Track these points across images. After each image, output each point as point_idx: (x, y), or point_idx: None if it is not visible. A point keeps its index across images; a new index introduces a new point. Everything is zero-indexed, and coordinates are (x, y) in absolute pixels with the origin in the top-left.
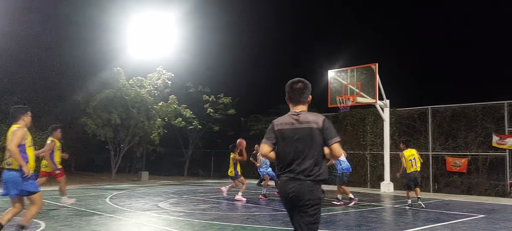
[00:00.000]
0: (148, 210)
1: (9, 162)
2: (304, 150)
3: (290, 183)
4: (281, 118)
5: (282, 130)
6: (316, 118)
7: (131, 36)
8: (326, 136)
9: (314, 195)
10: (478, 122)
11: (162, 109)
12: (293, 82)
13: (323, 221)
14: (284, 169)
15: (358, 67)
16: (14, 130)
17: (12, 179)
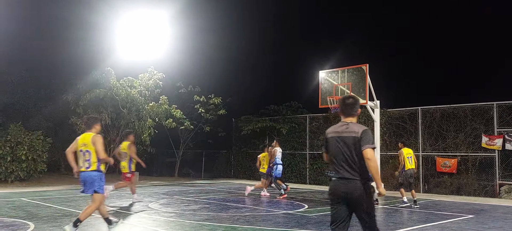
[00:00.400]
0: (138, 211)
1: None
2: (350, 154)
3: (343, 184)
4: (332, 127)
5: (332, 137)
6: (359, 128)
7: (122, 36)
8: (361, 142)
9: (364, 190)
10: (467, 122)
11: (153, 109)
12: (345, 98)
13: (313, 221)
14: (337, 171)
15: (349, 68)
16: (94, 137)
17: (91, 178)
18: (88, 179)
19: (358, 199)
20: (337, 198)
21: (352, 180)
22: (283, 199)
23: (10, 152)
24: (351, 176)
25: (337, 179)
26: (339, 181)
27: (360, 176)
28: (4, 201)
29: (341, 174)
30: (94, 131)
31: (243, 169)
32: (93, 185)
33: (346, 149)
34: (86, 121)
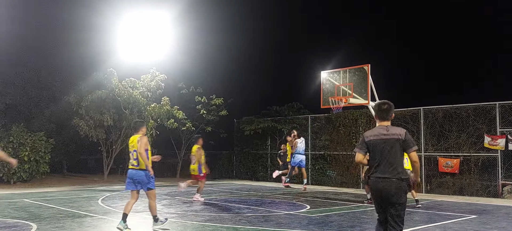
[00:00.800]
0: (140, 212)
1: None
2: (389, 155)
3: (380, 181)
4: (370, 131)
5: (372, 140)
6: (400, 131)
7: (124, 37)
8: (405, 145)
9: (400, 189)
10: (470, 122)
11: (154, 110)
12: (381, 104)
13: (315, 222)
14: (375, 170)
15: (351, 68)
16: (140, 138)
17: (141, 177)
18: (136, 176)
19: (393, 195)
20: (379, 194)
21: (390, 179)
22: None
23: (12, 153)
24: (389, 175)
25: (377, 178)
26: (379, 179)
27: (398, 175)
28: (7, 202)
29: (381, 173)
30: (141, 133)
31: (245, 170)
32: (144, 183)
33: (390, 150)
34: (133, 125)
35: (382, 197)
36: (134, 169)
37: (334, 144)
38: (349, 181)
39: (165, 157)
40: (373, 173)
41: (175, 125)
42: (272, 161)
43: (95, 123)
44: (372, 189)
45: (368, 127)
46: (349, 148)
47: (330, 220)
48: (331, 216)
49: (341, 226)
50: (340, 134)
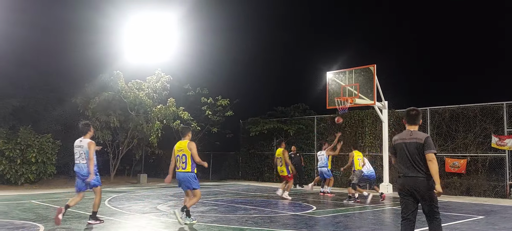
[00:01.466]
0: (147, 213)
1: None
2: (414, 156)
3: (410, 181)
4: (399, 135)
5: (399, 143)
6: (422, 135)
7: (130, 39)
8: (425, 147)
9: (428, 185)
10: (477, 122)
11: (160, 112)
12: (410, 110)
13: (322, 223)
14: (404, 171)
15: (357, 68)
16: (190, 143)
17: (188, 178)
18: (184, 178)
19: (423, 192)
20: (405, 192)
21: (417, 177)
22: None
23: (20, 154)
24: (415, 174)
25: (404, 177)
26: (406, 178)
27: (424, 173)
28: (15, 203)
29: (407, 172)
30: (187, 138)
31: (251, 171)
32: (190, 183)
33: (411, 152)
34: (181, 130)
35: (413, 193)
36: (183, 171)
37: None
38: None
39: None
40: (402, 173)
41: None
42: None
43: (102, 125)
44: (399, 186)
45: (374, 127)
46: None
47: (336, 221)
48: (338, 217)
49: (347, 227)
50: (346, 134)
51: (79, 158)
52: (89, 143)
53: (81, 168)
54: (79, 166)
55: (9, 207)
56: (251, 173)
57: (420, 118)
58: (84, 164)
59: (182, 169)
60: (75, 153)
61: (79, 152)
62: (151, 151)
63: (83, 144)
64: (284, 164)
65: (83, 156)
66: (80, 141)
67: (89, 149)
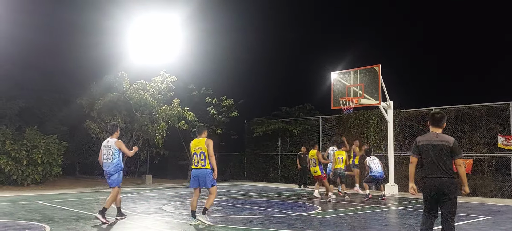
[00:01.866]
0: (152, 213)
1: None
2: (440, 158)
3: (436, 181)
4: (422, 136)
5: (424, 145)
6: (449, 139)
7: (134, 40)
8: (453, 153)
9: (451, 186)
10: (483, 122)
11: (165, 112)
12: (435, 113)
13: (327, 223)
14: (430, 172)
15: (361, 68)
16: (208, 140)
17: (206, 175)
18: (201, 174)
19: (445, 193)
20: (428, 193)
21: (441, 178)
22: None
23: (26, 155)
24: (439, 175)
25: (429, 178)
26: (430, 179)
27: (447, 175)
28: (21, 204)
29: (432, 174)
30: (204, 136)
31: (256, 171)
32: (208, 180)
33: (437, 154)
34: (197, 128)
35: (437, 194)
36: (202, 168)
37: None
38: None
39: (176, 158)
40: (428, 174)
41: (186, 127)
42: (283, 162)
43: (107, 125)
44: (427, 188)
45: (379, 127)
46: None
47: (341, 221)
48: (342, 217)
49: (352, 227)
50: (351, 135)
51: (107, 157)
52: (116, 142)
53: (108, 166)
54: (106, 164)
55: (15, 208)
56: (256, 174)
57: (444, 121)
58: (110, 163)
59: (201, 166)
60: (103, 152)
61: (107, 151)
62: (156, 152)
63: (111, 144)
64: (317, 164)
65: (111, 154)
66: (108, 141)
67: (119, 147)
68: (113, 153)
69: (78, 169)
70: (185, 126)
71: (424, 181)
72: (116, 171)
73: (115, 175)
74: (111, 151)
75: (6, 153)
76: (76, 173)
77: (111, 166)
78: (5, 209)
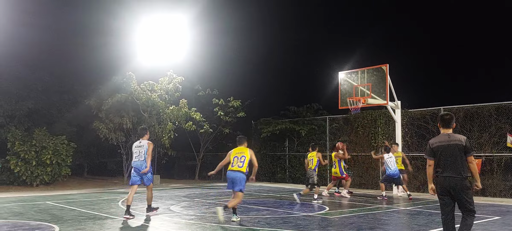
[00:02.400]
0: (160, 214)
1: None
2: (456, 158)
3: (450, 180)
4: (435, 138)
5: (438, 146)
6: (461, 137)
7: (142, 41)
8: (466, 149)
9: (464, 185)
10: (492, 122)
11: (173, 113)
12: (444, 115)
13: (334, 223)
14: (442, 171)
15: (369, 68)
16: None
17: (239, 179)
18: (237, 177)
19: (459, 190)
20: (443, 191)
21: (455, 177)
22: None
23: (35, 156)
24: (454, 174)
25: (443, 177)
26: (445, 178)
27: (461, 174)
28: (30, 204)
29: (447, 172)
30: (245, 146)
31: (263, 171)
32: (240, 184)
33: (452, 154)
34: (238, 140)
35: (451, 193)
36: (238, 170)
37: (353, 144)
38: (368, 182)
39: (184, 159)
40: (441, 173)
41: (193, 127)
42: (290, 162)
43: (115, 126)
44: (440, 186)
45: (387, 127)
46: (368, 149)
47: (349, 222)
48: (351, 218)
49: (360, 228)
50: (358, 135)
51: (138, 156)
52: (148, 143)
53: (139, 165)
54: (137, 163)
55: (25, 208)
56: (263, 174)
57: (454, 121)
58: (142, 162)
59: (238, 168)
60: (134, 152)
61: (139, 151)
62: (164, 152)
63: (143, 144)
64: (337, 166)
65: (142, 154)
66: (140, 142)
67: (149, 148)
68: (144, 153)
69: (86, 169)
70: (192, 127)
71: (438, 179)
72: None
73: (149, 174)
74: (143, 151)
75: (15, 154)
76: (85, 174)
77: (144, 164)
78: (14, 209)
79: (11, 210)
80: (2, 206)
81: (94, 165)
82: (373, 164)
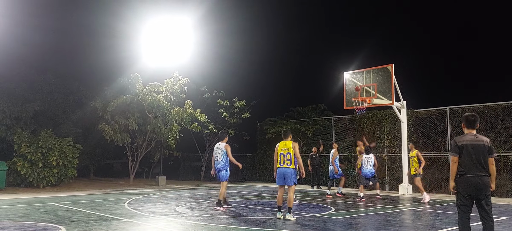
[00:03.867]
0: (166, 215)
1: (288, 163)
2: (479, 157)
3: (476, 178)
4: (461, 137)
5: (464, 145)
6: (486, 139)
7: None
8: (489, 151)
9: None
10: (498, 122)
11: (178, 114)
12: (469, 116)
13: (340, 224)
14: (467, 170)
15: (374, 68)
16: (293, 143)
17: (290, 174)
18: (287, 173)
19: (483, 189)
20: (468, 189)
21: (481, 176)
22: None
23: (41, 157)
24: (479, 173)
25: (468, 175)
26: (470, 177)
27: (485, 173)
28: (37, 206)
29: (472, 171)
30: (289, 139)
31: (268, 172)
32: (291, 179)
33: (477, 153)
34: (283, 133)
35: (476, 191)
36: (287, 167)
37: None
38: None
39: (189, 160)
40: (464, 173)
41: (198, 128)
42: None
43: (121, 128)
44: (463, 186)
45: (392, 127)
46: (374, 149)
47: (355, 222)
48: (357, 218)
49: (366, 228)
50: (364, 135)
51: (217, 157)
52: (225, 146)
53: (216, 164)
54: (217, 162)
55: (32, 210)
56: (269, 175)
57: (478, 122)
58: (220, 161)
59: (286, 165)
60: (215, 153)
61: (218, 152)
62: (169, 153)
63: (221, 146)
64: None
65: (221, 155)
66: (219, 144)
67: (226, 150)
68: (222, 154)
69: (92, 170)
70: (197, 128)
71: (462, 178)
72: (224, 168)
73: (223, 171)
74: (221, 152)
75: (22, 156)
76: (91, 175)
77: (220, 164)
78: (21, 210)
79: (18, 211)
80: (9, 207)
81: (100, 166)
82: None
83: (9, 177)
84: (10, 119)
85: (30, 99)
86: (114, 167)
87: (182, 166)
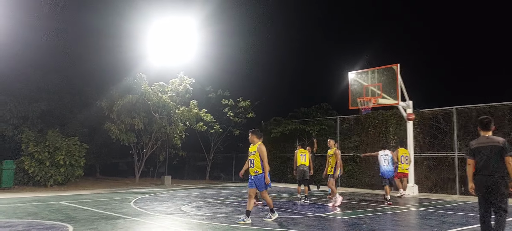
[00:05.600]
0: (171, 214)
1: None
2: (492, 158)
3: (486, 178)
4: (475, 140)
5: (477, 147)
6: (499, 139)
7: (152, 43)
8: (504, 152)
9: (502, 184)
10: (505, 122)
11: (183, 114)
12: (483, 118)
13: (345, 224)
14: (481, 170)
15: (379, 68)
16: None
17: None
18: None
19: (496, 188)
20: (481, 189)
21: (493, 176)
22: None
23: (48, 157)
24: (492, 173)
25: (482, 175)
26: (483, 177)
27: (497, 173)
28: (44, 204)
29: (485, 171)
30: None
31: (273, 172)
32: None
33: (491, 155)
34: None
35: (488, 191)
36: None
37: (364, 145)
38: (379, 183)
39: (194, 159)
40: (479, 172)
41: (203, 128)
42: None
43: (126, 127)
44: (477, 184)
45: (398, 127)
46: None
47: (360, 222)
48: (362, 219)
49: (371, 228)
50: (369, 135)
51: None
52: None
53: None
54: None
55: (39, 208)
56: (273, 174)
57: (492, 124)
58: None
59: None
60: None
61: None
62: (175, 153)
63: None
64: None
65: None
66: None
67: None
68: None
69: (98, 170)
70: (202, 127)
71: (476, 177)
72: None
73: None
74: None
75: (29, 155)
76: (97, 174)
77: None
78: (29, 209)
79: (26, 209)
80: (17, 205)
81: (106, 165)
82: None
83: (16, 176)
84: (18, 118)
85: (37, 99)
86: (120, 166)
87: (187, 166)
